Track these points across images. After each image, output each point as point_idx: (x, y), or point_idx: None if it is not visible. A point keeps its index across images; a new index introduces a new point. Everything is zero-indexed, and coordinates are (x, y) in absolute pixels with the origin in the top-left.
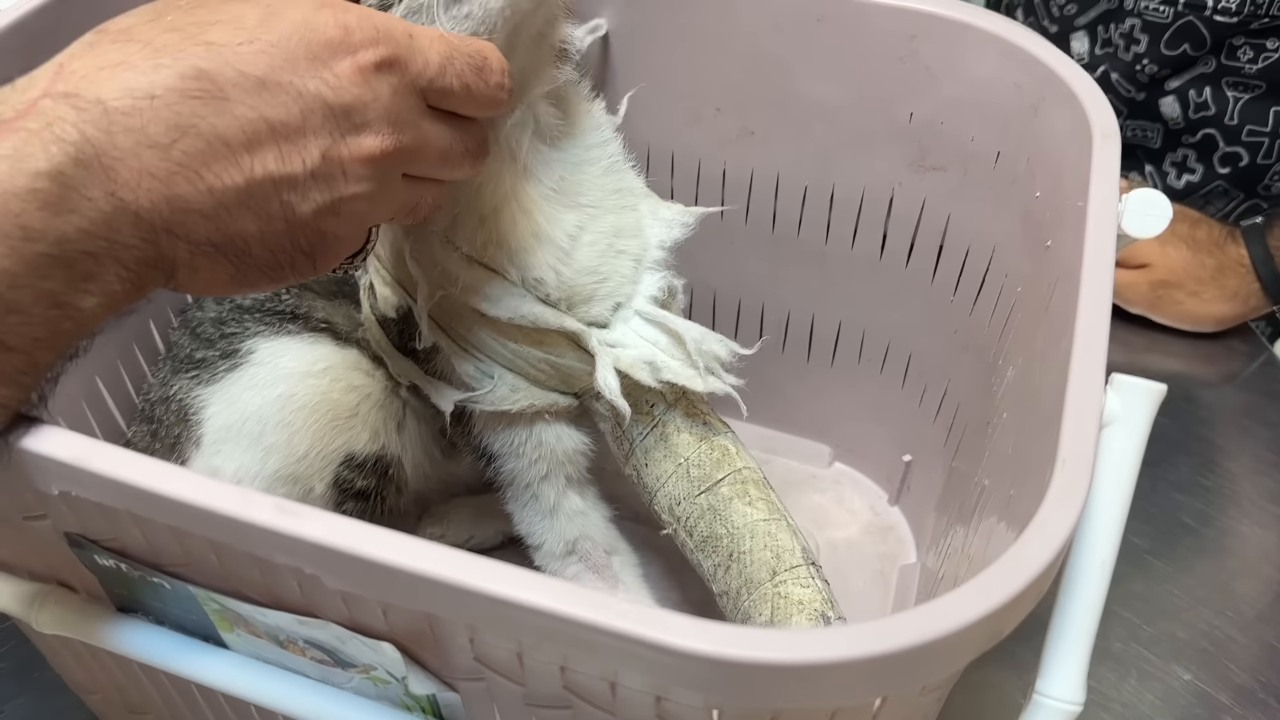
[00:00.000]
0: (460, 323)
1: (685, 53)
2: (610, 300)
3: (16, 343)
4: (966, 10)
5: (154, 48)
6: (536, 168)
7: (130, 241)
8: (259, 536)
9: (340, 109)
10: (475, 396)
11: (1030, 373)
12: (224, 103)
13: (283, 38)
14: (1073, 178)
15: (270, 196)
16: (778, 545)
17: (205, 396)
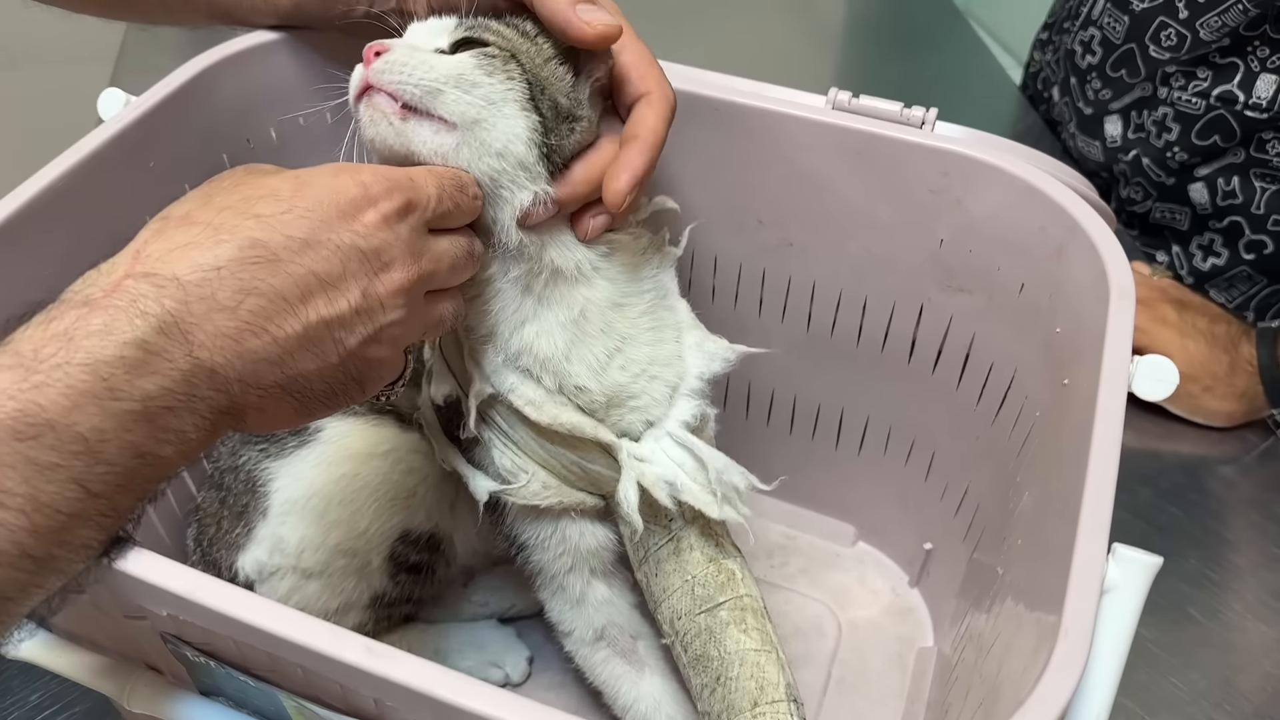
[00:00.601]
0: (504, 420)
1: (733, 171)
2: (642, 415)
3: (101, 489)
4: (998, 155)
5: (213, 227)
6: (554, 301)
7: (206, 394)
8: (347, 672)
9: (371, 253)
10: (510, 489)
11: (1044, 513)
12: (277, 264)
13: (316, 203)
14: (1090, 324)
15: (324, 337)
16: (763, 677)
17: (273, 469)
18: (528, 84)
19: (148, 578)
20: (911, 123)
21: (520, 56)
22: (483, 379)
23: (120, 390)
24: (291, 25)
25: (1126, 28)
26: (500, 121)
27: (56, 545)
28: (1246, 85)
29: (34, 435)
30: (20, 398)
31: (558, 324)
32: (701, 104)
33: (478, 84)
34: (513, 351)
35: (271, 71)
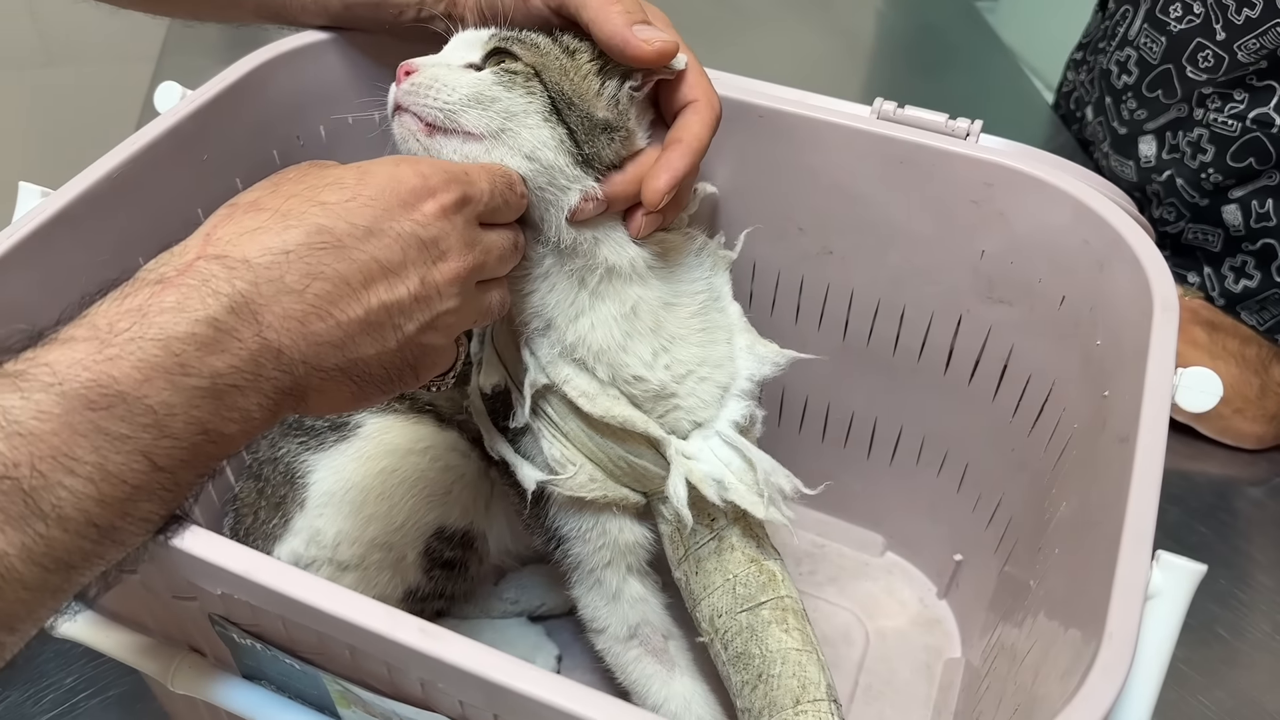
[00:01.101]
0: (556, 411)
1: (776, 178)
2: (691, 417)
3: (166, 463)
4: (1042, 167)
5: (281, 213)
6: (607, 295)
7: (272, 375)
8: (400, 652)
9: (430, 242)
10: (557, 480)
11: (1084, 521)
12: (342, 250)
13: (379, 192)
14: (1132, 337)
15: (384, 322)
16: (805, 676)
17: (312, 462)
18: (550, 98)
19: (206, 556)
20: (956, 134)
21: (545, 72)
22: (538, 369)
23: (190, 366)
24: (342, 27)
25: (1164, 48)
26: (523, 131)
27: (120, 517)
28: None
29: (106, 406)
30: (94, 369)
31: (610, 318)
32: (747, 111)
33: (496, 99)
34: (569, 343)
35: (323, 71)
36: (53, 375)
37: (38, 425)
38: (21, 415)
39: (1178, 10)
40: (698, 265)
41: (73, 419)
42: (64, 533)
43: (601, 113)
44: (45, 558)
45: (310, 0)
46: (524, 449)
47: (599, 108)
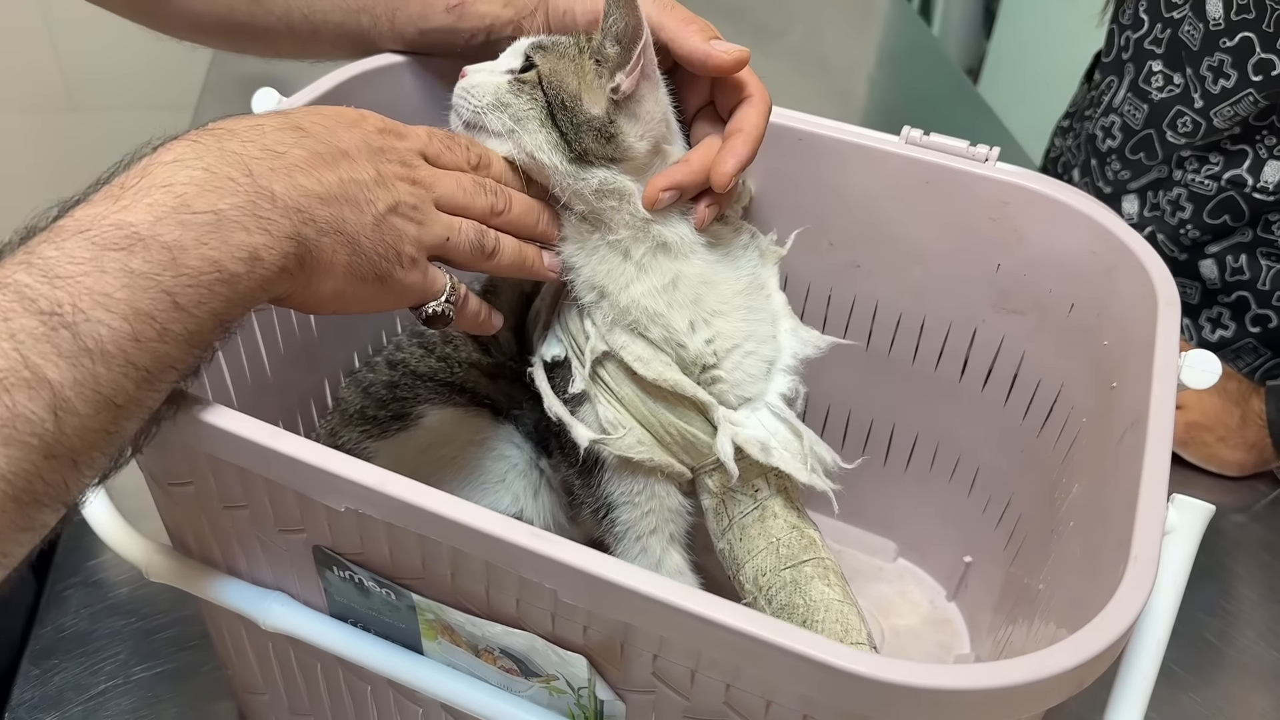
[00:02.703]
0: (612, 377)
1: (810, 196)
2: (738, 391)
3: (186, 302)
4: (1056, 187)
5: (254, 121)
6: (650, 269)
7: (269, 215)
8: (518, 555)
9: (375, 149)
10: (608, 439)
11: (1098, 491)
12: (308, 135)
13: (329, 115)
14: (1138, 333)
15: (357, 193)
16: (848, 623)
17: (373, 449)
18: (547, 104)
19: (340, 471)
20: (976, 158)
21: (549, 78)
22: (598, 336)
23: (194, 206)
24: (418, 51)
25: (1145, 115)
26: (525, 135)
27: (153, 359)
28: (1255, 170)
29: (127, 246)
30: (112, 217)
31: (653, 289)
32: (786, 134)
33: (508, 105)
34: (622, 307)
35: (399, 90)
36: (79, 225)
37: (73, 268)
38: (58, 261)
39: (1159, 81)
40: (743, 254)
41: (101, 261)
42: (108, 369)
43: (594, 110)
44: (95, 394)
45: (388, 30)
46: (580, 415)
47: (592, 105)
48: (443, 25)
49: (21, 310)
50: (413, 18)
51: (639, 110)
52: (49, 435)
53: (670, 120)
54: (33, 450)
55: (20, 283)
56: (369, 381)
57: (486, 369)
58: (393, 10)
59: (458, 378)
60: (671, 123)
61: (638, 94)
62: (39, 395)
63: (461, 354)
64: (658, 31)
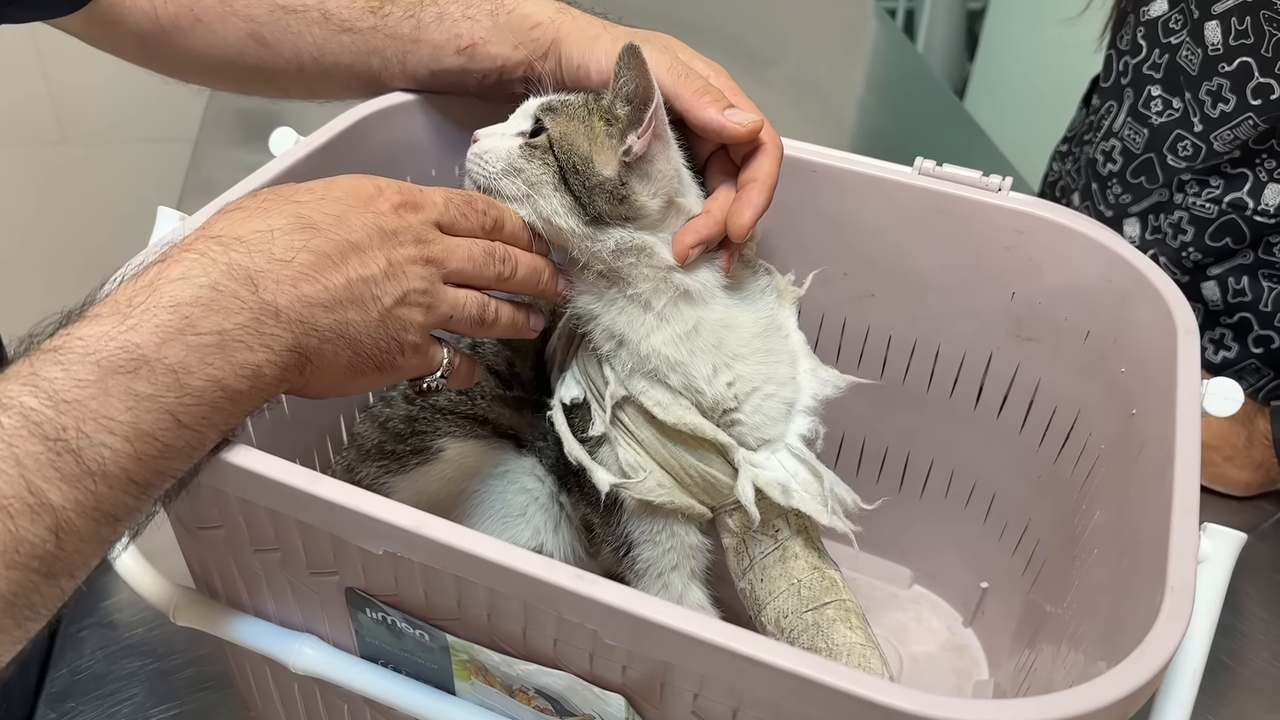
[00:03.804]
0: (632, 420)
1: (825, 228)
2: (758, 434)
3: (189, 420)
4: (1069, 216)
5: (263, 208)
6: (672, 317)
7: (273, 331)
8: (559, 596)
9: (389, 232)
10: (628, 484)
11: (1124, 518)
12: (318, 231)
13: (343, 194)
14: (1156, 360)
15: (364, 294)
16: (870, 668)
17: (393, 484)
18: (559, 168)
19: (378, 514)
20: (989, 188)
21: (560, 141)
22: (618, 382)
23: (200, 327)
24: (430, 90)
25: (1146, 139)
26: (540, 200)
27: (154, 475)
28: (1255, 193)
29: (133, 369)
30: (119, 338)
31: (675, 337)
32: (801, 166)
33: (521, 170)
34: (642, 355)
35: (412, 127)
36: (85, 347)
37: (78, 392)
38: (63, 384)
39: (1158, 105)
40: (761, 296)
41: (107, 383)
42: (109, 489)
43: (605, 172)
44: (96, 512)
45: (399, 71)
46: (599, 457)
47: (604, 167)
48: (454, 66)
49: (27, 435)
50: (424, 60)
51: (651, 170)
52: (49, 556)
53: (683, 174)
54: (33, 572)
55: (26, 406)
56: (386, 416)
57: (509, 401)
58: (404, 53)
59: (480, 410)
60: (684, 176)
61: (649, 154)
62: (41, 519)
63: (482, 386)
64: (672, 101)
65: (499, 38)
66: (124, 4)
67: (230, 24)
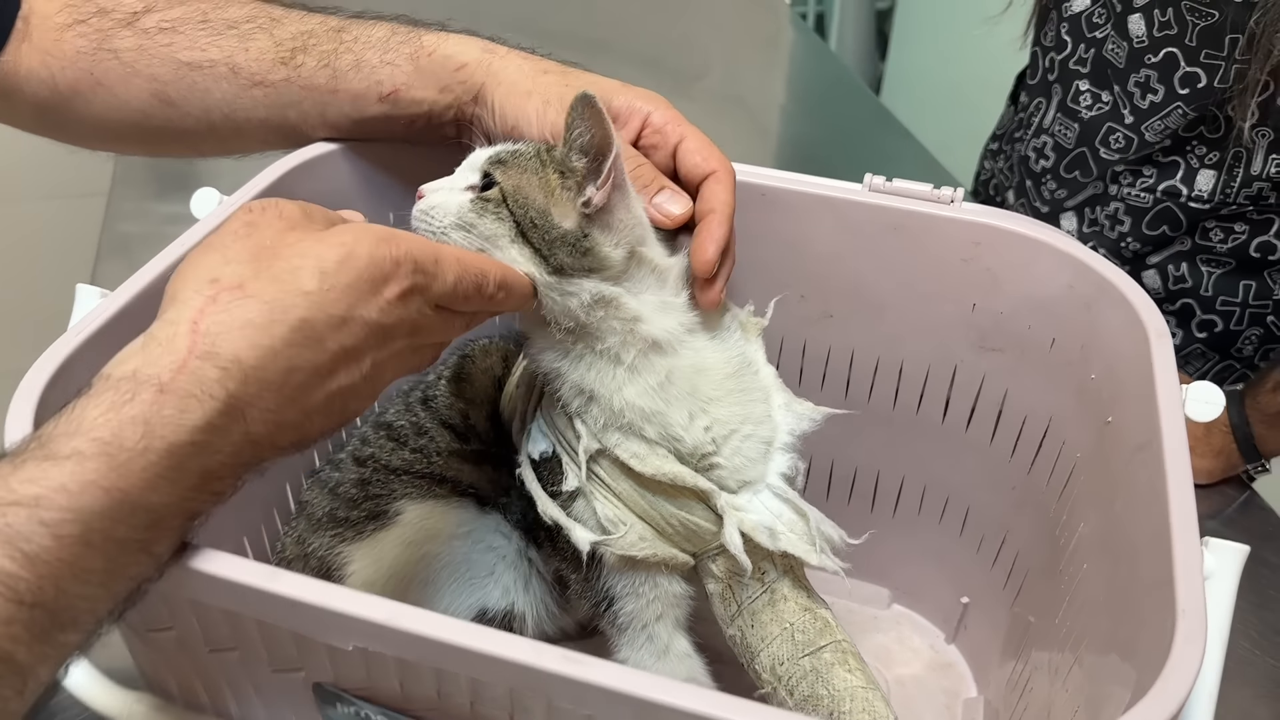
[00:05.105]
0: (608, 473)
1: (779, 251)
2: (738, 477)
3: (160, 550)
4: (1026, 224)
5: (266, 302)
6: (643, 369)
7: (246, 459)
8: (549, 681)
9: (387, 329)
10: (609, 540)
11: (1114, 531)
12: (319, 343)
13: (356, 278)
14: (1128, 365)
15: (337, 405)
16: (875, 711)
17: (348, 553)
18: (515, 222)
19: (339, 607)
20: (941, 200)
21: (514, 195)
22: (591, 436)
23: (188, 468)
24: (356, 139)
25: (1077, 134)
26: (497, 252)
27: (124, 602)
28: (1188, 180)
29: (118, 513)
30: (107, 484)
31: (648, 389)
32: (749, 190)
33: (474, 224)
34: (616, 410)
35: (340, 178)
36: (68, 499)
37: (57, 549)
38: (43, 541)
39: (1087, 99)
40: (727, 332)
41: (89, 536)
42: (78, 634)
43: (565, 224)
44: (61, 661)
45: (319, 122)
46: (575, 513)
47: (563, 219)
48: (378, 114)
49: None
50: (345, 110)
51: (612, 220)
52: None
53: (644, 222)
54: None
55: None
56: (335, 481)
57: (468, 456)
58: (322, 104)
59: (436, 468)
60: (645, 224)
61: (610, 205)
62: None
63: (437, 443)
64: None
65: (422, 82)
66: (19, 73)
67: (133, 85)
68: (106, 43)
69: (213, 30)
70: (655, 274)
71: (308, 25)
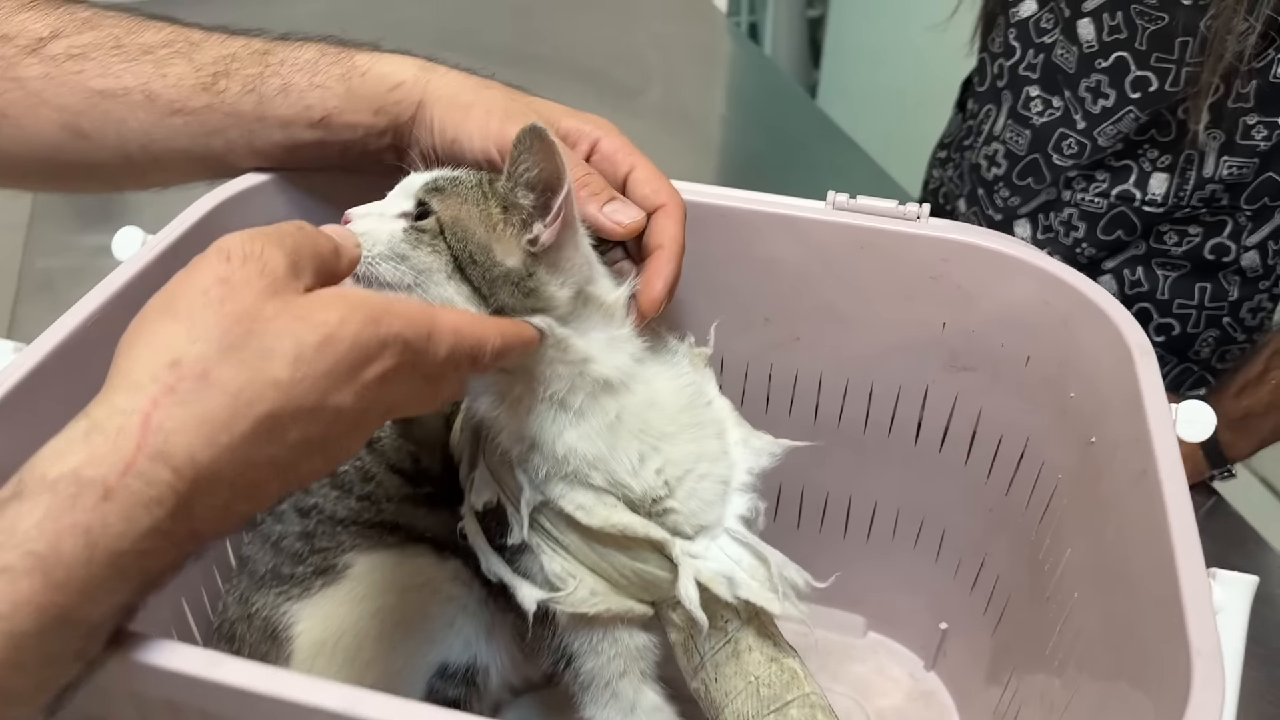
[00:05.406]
0: (553, 525)
1: (740, 274)
2: (694, 521)
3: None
4: (996, 239)
5: (231, 394)
6: (589, 412)
7: (189, 551)
8: None
9: (359, 413)
10: (557, 597)
11: (1106, 557)
12: (282, 434)
13: (334, 365)
14: (1110, 383)
15: (293, 483)
16: None
17: (295, 611)
18: (453, 256)
19: (293, 696)
20: (908, 217)
21: (451, 227)
22: (532, 488)
23: (130, 573)
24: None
25: (1029, 140)
26: (432, 288)
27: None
28: (1141, 184)
29: (54, 631)
30: (43, 602)
31: (594, 432)
32: (709, 212)
33: (406, 256)
34: (560, 456)
35: (274, 210)
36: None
37: None
38: None
39: (1038, 105)
40: (674, 358)
41: (21, 656)
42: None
43: (508, 262)
44: None
45: (246, 151)
46: (523, 567)
47: (506, 257)
48: (309, 140)
49: None
50: (274, 138)
51: (559, 259)
52: None
53: (592, 260)
54: None
55: None
56: (278, 535)
57: (421, 500)
58: (249, 132)
59: (386, 515)
60: (593, 261)
61: (558, 242)
62: None
63: (386, 489)
64: None
65: (355, 105)
66: None
67: (41, 116)
68: (9, 71)
69: (127, 56)
70: (602, 310)
71: (230, 49)
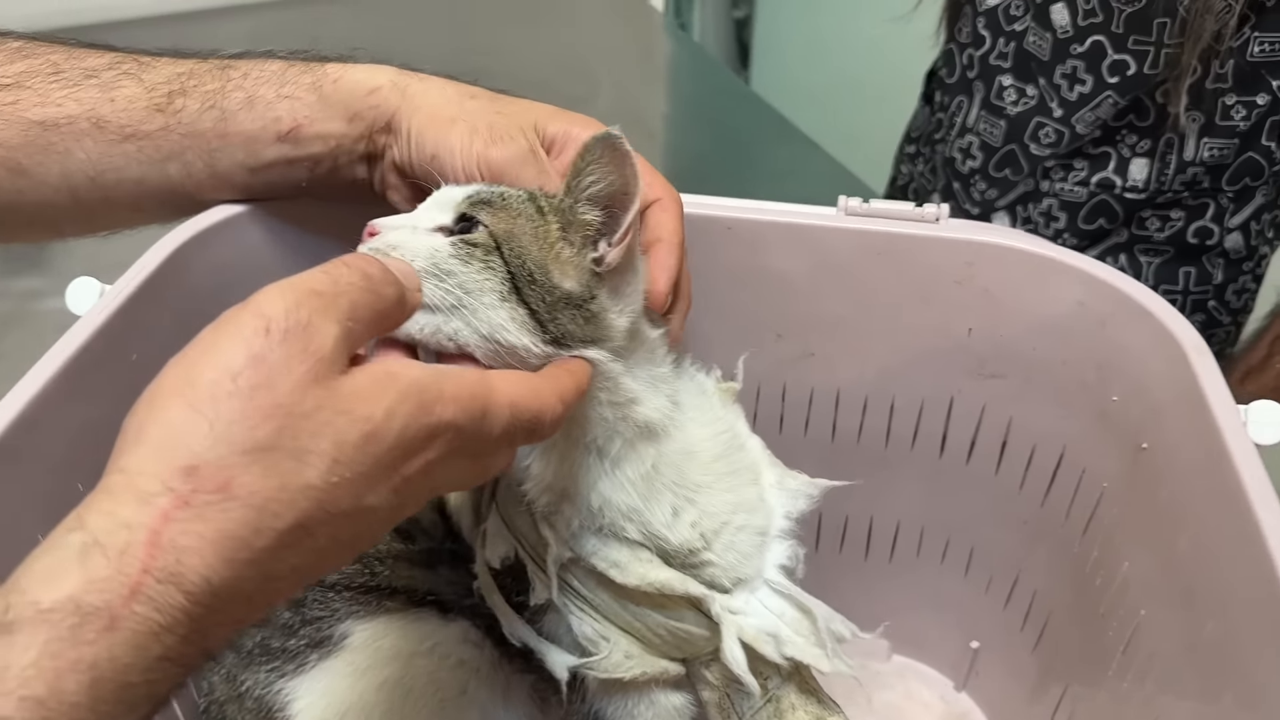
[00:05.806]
0: (583, 584)
1: (747, 289)
2: (732, 574)
3: None
4: (1024, 239)
5: (255, 507)
6: (624, 460)
7: (197, 667)
8: None
9: (398, 508)
10: (591, 663)
11: (1178, 574)
12: (310, 542)
13: (375, 464)
14: (1162, 386)
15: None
16: None
17: (291, 689)
18: (510, 275)
19: None
20: (926, 219)
21: (508, 242)
22: (561, 543)
23: (139, 703)
24: (256, 198)
25: (1005, 130)
26: (480, 310)
27: None
28: (1121, 170)
29: None
30: None
31: (627, 481)
32: (713, 224)
33: (452, 273)
34: (595, 508)
35: (245, 245)
36: None
37: None
38: None
39: (1012, 95)
40: (708, 405)
41: None
42: None
43: (567, 284)
44: None
45: (207, 177)
46: (547, 628)
47: (565, 277)
48: (276, 158)
49: None
50: (237, 158)
51: (620, 283)
52: None
53: (641, 288)
54: None
55: None
56: None
57: (417, 559)
58: (210, 152)
59: (382, 578)
60: (642, 290)
61: (621, 265)
62: None
63: (379, 549)
64: None
65: (328, 114)
66: None
67: None
68: None
69: (68, 82)
70: (646, 346)
71: (185, 66)
